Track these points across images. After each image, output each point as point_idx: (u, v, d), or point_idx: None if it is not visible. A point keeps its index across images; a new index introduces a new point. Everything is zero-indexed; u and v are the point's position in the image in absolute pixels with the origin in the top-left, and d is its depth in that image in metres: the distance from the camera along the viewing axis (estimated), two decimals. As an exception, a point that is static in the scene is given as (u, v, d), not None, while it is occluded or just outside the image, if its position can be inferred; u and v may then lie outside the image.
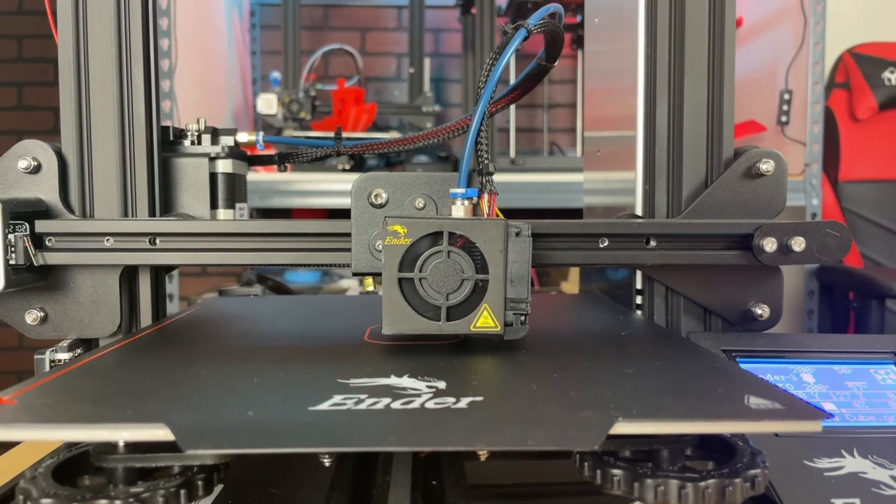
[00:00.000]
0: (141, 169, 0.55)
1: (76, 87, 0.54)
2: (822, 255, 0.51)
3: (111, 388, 0.38)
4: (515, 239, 0.45)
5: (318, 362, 0.44)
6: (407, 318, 0.44)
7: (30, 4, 2.23)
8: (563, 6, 2.07)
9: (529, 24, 0.50)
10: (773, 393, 0.35)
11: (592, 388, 0.37)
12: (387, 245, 0.44)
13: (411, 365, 0.42)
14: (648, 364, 0.43)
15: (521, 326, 0.45)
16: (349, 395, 0.35)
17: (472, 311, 0.45)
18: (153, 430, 0.30)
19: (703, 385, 0.38)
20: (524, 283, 0.45)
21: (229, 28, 2.10)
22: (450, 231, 0.44)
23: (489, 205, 0.47)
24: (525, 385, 0.39)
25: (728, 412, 0.33)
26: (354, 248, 0.50)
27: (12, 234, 0.49)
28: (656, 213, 0.57)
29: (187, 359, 0.45)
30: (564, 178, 1.65)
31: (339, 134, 0.69)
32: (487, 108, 0.48)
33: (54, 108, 0.86)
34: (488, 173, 0.48)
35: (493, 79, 0.48)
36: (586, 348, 0.48)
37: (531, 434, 0.30)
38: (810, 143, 1.67)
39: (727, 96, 0.56)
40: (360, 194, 0.50)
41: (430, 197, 0.50)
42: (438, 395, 0.36)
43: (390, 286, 0.44)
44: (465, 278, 0.44)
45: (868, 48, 1.97)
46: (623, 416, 0.31)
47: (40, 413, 0.33)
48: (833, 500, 0.40)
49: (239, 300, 0.70)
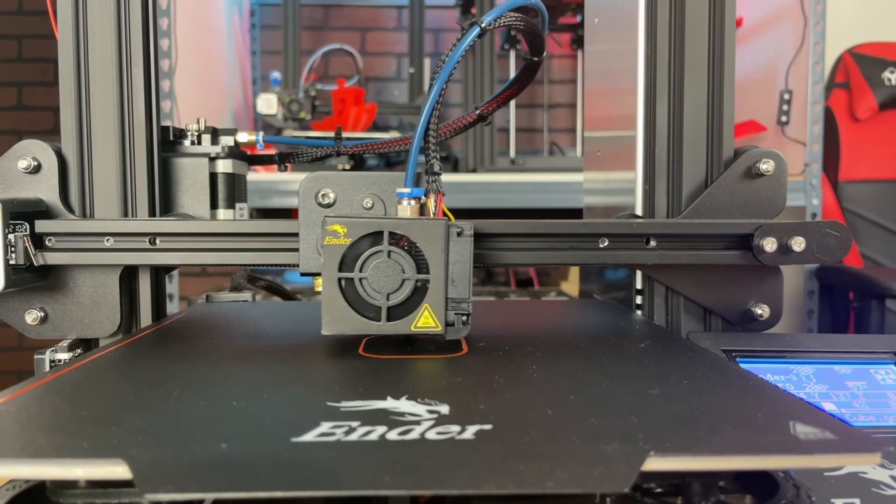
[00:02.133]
0: (141, 169, 0.55)
1: (76, 87, 0.54)
2: (822, 255, 0.51)
3: (70, 413, 0.34)
4: (457, 239, 0.45)
5: (307, 380, 0.41)
6: (346, 319, 0.44)
7: (30, 4, 2.23)
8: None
9: (483, 21, 0.49)
10: (822, 419, 0.31)
11: (615, 414, 0.34)
12: (326, 245, 0.44)
13: (410, 383, 0.38)
14: (674, 383, 0.39)
15: (463, 326, 0.45)
16: (339, 423, 0.32)
17: (413, 311, 0.44)
18: (109, 468, 0.27)
19: (740, 409, 0.35)
20: (466, 283, 0.45)
21: (229, 28, 2.10)
22: (391, 231, 0.44)
23: (436, 204, 0.47)
24: (539, 409, 0.35)
25: (773, 444, 0.29)
26: (302, 249, 0.49)
27: (12, 234, 0.49)
28: (656, 213, 0.57)
29: (160, 377, 0.41)
30: (564, 178, 1.65)
31: (339, 134, 0.69)
32: (436, 105, 0.48)
33: (54, 108, 0.86)
34: (434, 173, 0.48)
35: (441, 77, 0.48)
36: (603, 364, 0.44)
37: (550, 473, 0.27)
38: (810, 143, 1.67)
39: (727, 96, 0.56)
40: (308, 194, 0.50)
41: (379, 197, 0.50)
42: (441, 422, 0.32)
43: (330, 286, 0.44)
44: (406, 278, 0.44)
45: (868, 48, 1.97)
46: (655, 449, 0.28)
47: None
48: (833, 500, 0.40)
49: (225, 307, 0.65)
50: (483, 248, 0.51)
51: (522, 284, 1.86)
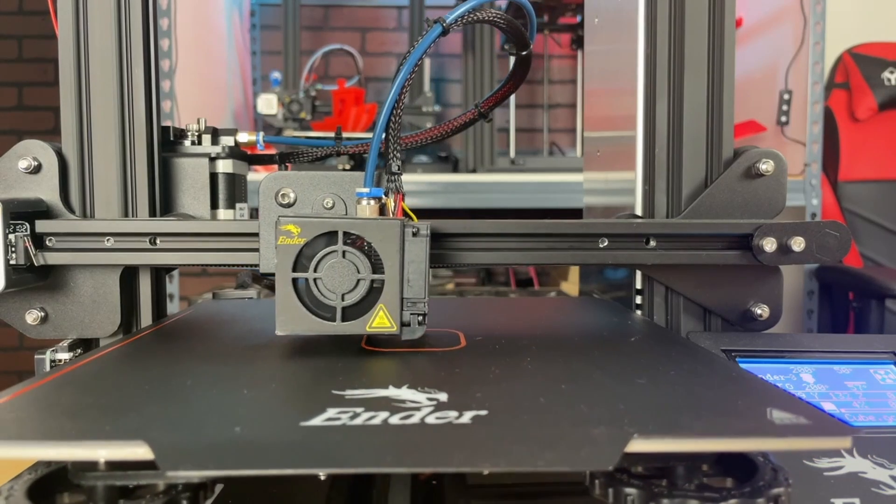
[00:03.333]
0: (141, 169, 0.55)
1: (76, 87, 0.54)
2: (822, 255, 0.51)
3: (90, 401, 0.36)
4: (412, 239, 0.45)
5: (313, 371, 0.43)
6: (301, 319, 0.44)
7: (30, 4, 2.23)
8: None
9: (446, 19, 0.49)
10: (798, 406, 0.33)
11: (604, 401, 0.36)
12: (280, 245, 0.44)
13: (411, 374, 0.40)
14: (661, 374, 0.41)
15: (419, 327, 0.45)
16: (344, 409, 0.33)
17: (369, 311, 0.44)
18: (132, 449, 0.29)
19: (721, 397, 0.37)
20: (421, 282, 0.45)
21: (229, 28, 2.10)
22: (346, 231, 0.44)
23: (395, 204, 0.47)
24: (532, 397, 0.37)
25: (751, 429, 0.31)
26: (262, 248, 0.49)
27: (13, 234, 0.49)
28: (656, 213, 0.57)
29: (173, 368, 0.43)
30: (564, 178, 1.65)
31: (340, 134, 0.69)
32: (396, 104, 0.48)
33: (54, 108, 0.86)
34: (393, 173, 0.47)
35: (402, 75, 0.47)
36: (594, 356, 0.46)
37: (540, 454, 0.29)
38: (810, 143, 1.67)
39: (727, 96, 0.56)
40: (268, 193, 0.50)
41: (340, 196, 0.50)
42: (440, 408, 0.34)
43: (284, 286, 0.44)
44: (361, 278, 0.44)
45: (868, 48, 1.97)
46: (639, 432, 0.30)
47: (13, 429, 0.31)
48: (833, 499, 0.40)
49: (232, 304, 0.68)
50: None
51: (522, 284, 1.86)
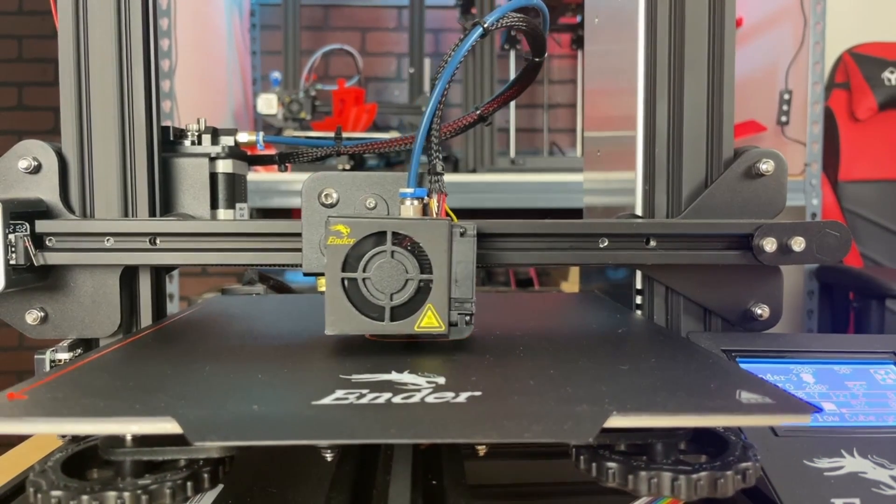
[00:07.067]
0: (141, 169, 0.55)
1: (76, 87, 0.54)
2: (822, 255, 0.51)
3: (118, 384, 0.38)
4: (460, 239, 0.45)
5: (321, 359, 0.45)
6: (350, 319, 0.44)
7: (30, 4, 2.23)
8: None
9: (486, 21, 0.49)
10: (766, 388, 0.36)
11: (588, 384, 0.38)
12: (329, 245, 0.44)
13: (412, 362, 0.43)
14: (644, 361, 0.44)
15: (466, 326, 0.46)
16: (351, 391, 0.36)
17: (417, 311, 0.45)
18: (161, 424, 0.31)
19: (697, 381, 0.39)
20: (469, 282, 0.45)
21: (229, 28, 2.10)
22: (394, 231, 0.44)
23: (438, 204, 0.47)
24: (523, 381, 0.39)
25: (720, 406, 0.34)
26: (305, 249, 0.49)
27: (12, 234, 0.49)
28: (656, 213, 0.57)
29: (192, 356, 0.46)
30: (564, 178, 1.65)
31: (340, 134, 0.69)
32: (438, 105, 0.48)
33: (54, 108, 0.86)
34: (436, 173, 0.48)
35: (444, 77, 0.48)
36: (584, 346, 0.48)
37: (528, 427, 0.31)
38: (810, 143, 1.67)
39: (727, 96, 0.56)
40: (311, 194, 0.50)
41: (382, 197, 0.50)
42: (438, 390, 0.37)
43: (333, 286, 0.44)
44: (409, 278, 0.44)
45: (868, 48, 1.97)
46: (617, 409, 0.32)
47: (51, 407, 0.34)
48: (833, 499, 0.40)
49: (241, 299, 0.71)
50: (484, 249, 0.51)
51: (522, 284, 1.86)
